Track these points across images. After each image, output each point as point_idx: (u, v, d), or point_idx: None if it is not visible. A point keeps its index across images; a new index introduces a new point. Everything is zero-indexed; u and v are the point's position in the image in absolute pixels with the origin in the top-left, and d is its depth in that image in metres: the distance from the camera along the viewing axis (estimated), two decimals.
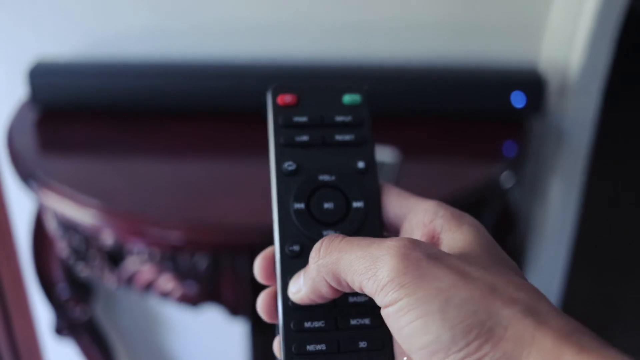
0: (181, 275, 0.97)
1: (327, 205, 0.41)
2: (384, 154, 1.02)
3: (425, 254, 0.35)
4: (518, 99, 1.10)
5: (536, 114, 1.13)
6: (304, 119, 0.42)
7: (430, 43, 1.19)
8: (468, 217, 0.39)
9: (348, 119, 0.42)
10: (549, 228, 1.34)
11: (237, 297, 0.98)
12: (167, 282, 0.99)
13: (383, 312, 0.35)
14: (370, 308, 0.39)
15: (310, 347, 0.39)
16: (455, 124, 1.12)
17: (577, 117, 1.22)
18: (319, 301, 0.38)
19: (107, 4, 1.17)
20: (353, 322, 0.39)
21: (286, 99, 0.43)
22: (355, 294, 0.39)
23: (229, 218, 0.92)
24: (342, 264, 0.36)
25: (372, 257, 0.35)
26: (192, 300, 1.00)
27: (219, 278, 0.97)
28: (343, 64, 1.18)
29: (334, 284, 0.37)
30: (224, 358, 1.57)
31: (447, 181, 1.01)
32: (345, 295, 0.39)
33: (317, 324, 0.39)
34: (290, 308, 0.39)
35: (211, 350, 1.57)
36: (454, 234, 0.38)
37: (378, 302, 0.35)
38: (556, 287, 1.45)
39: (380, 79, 1.12)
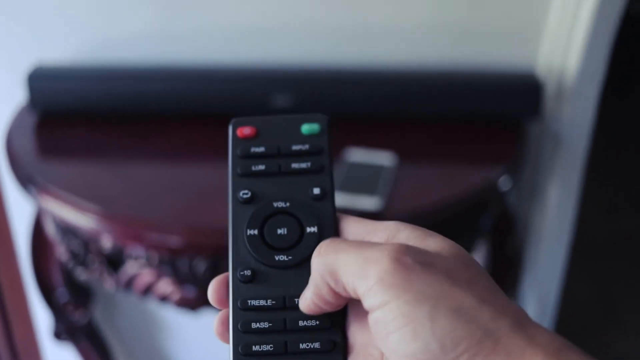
0: (180, 279, 0.97)
1: (280, 231, 0.41)
2: (382, 158, 1.02)
3: (417, 259, 0.35)
4: (516, 103, 1.10)
5: (533, 118, 1.13)
6: (261, 149, 0.43)
7: (428, 47, 1.19)
8: (433, 232, 0.39)
9: (305, 147, 0.43)
10: (547, 231, 1.34)
11: None
12: (166, 286, 0.99)
13: (371, 318, 0.35)
14: (321, 332, 0.39)
15: None
16: (453, 127, 1.13)
17: (574, 120, 1.22)
18: (325, 307, 0.38)
19: (107, 8, 1.18)
20: (303, 346, 0.39)
21: (245, 131, 0.44)
22: (307, 318, 0.39)
23: (227, 222, 0.93)
24: (338, 263, 0.36)
25: (365, 258, 0.35)
26: (191, 305, 1.00)
27: None
28: (342, 67, 1.18)
29: (332, 284, 0.37)
30: None
31: (445, 184, 1.02)
32: (296, 319, 0.39)
33: (266, 348, 0.39)
34: (240, 332, 0.40)
35: (209, 354, 1.57)
36: (422, 242, 0.37)
37: (366, 304, 0.35)
38: (554, 289, 1.45)
39: (378, 83, 1.13)
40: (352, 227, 0.41)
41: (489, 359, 0.32)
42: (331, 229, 0.41)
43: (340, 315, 0.39)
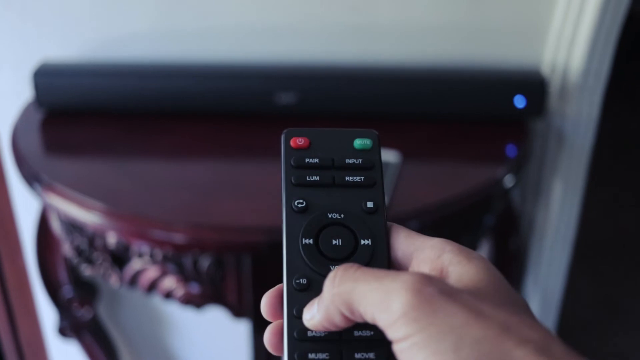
0: (185, 276, 0.98)
1: (335, 242, 0.42)
2: (387, 156, 1.03)
3: (439, 290, 0.35)
4: (520, 101, 1.10)
5: (538, 116, 1.13)
6: (315, 160, 0.44)
7: (433, 46, 1.19)
8: (476, 253, 0.39)
9: (358, 161, 0.44)
10: (551, 229, 1.34)
11: (241, 299, 0.99)
12: (170, 282, 0.99)
13: (396, 347, 0.35)
14: (375, 342, 0.40)
15: None
16: (457, 125, 1.13)
17: (579, 118, 1.22)
18: (332, 329, 0.38)
19: (113, 6, 1.18)
20: (357, 355, 0.40)
21: (299, 141, 0.44)
22: (361, 327, 0.39)
23: (232, 220, 0.93)
24: (356, 293, 0.36)
25: (386, 290, 0.35)
26: (196, 302, 1.00)
27: (223, 280, 0.97)
28: (348, 66, 1.18)
29: (347, 314, 0.37)
30: (226, 357, 1.57)
31: (449, 182, 1.02)
32: (351, 329, 0.40)
33: (322, 356, 0.40)
34: (296, 340, 0.40)
35: (214, 350, 1.58)
36: (463, 268, 0.38)
37: (390, 335, 0.35)
38: (557, 287, 1.45)
39: (383, 81, 1.13)
40: (401, 242, 0.41)
41: None
42: (383, 243, 0.42)
43: None
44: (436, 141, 1.11)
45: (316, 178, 0.43)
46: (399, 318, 0.34)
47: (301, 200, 0.43)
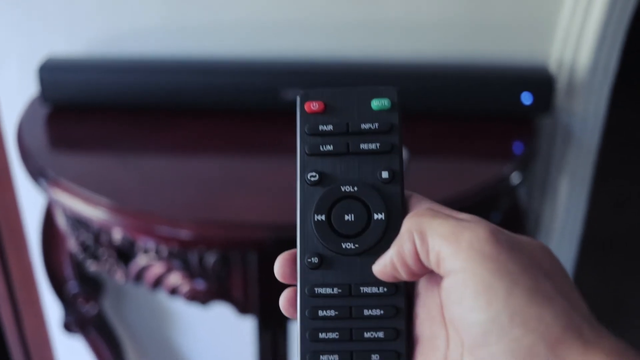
0: (190, 272, 0.97)
1: (347, 217, 0.41)
2: None
3: (507, 237, 0.36)
4: (527, 98, 1.10)
5: (545, 113, 1.13)
6: (329, 127, 0.42)
7: (439, 42, 1.19)
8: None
9: (375, 126, 0.42)
10: (558, 226, 1.34)
11: (247, 295, 0.99)
12: (176, 279, 0.99)
13: (447, 282, 0.36)
14: (386, 321, 0.40)
15: (323, 358, 0.40)
16: (464, 122, 1.12)
17: (586, 115, 1.22)
18: (400, 271, 0.39)
19: (119, 1, 1.18)
20: (367, 334, 0.40)
21: (313, 106, 0.43)
22: (371, 306, 0.40)
23: (238, 216, 0.93)
24: (432, 224, 0.37)
25: (461, 225, 0.36)
26: (201, 298, 1.00)
27: (229, 276, 0.97)
28: (354, 62, 1.18)
29: (418, 243, 0.37)
30: (232, 354, 1.57)
31: (457, 179, 1.01)
32: (361, 309, 0.40)
33: (332, 335, 0.40)
34: (308, 318, 0.41)
35: (219, 346, 1.58)
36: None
37: (448, 267, 0.35)
38: None
39: (389, 77, 1.12)
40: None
41: (552, 347, 0.32)
42: (399, 216, 0.41)
43: (406, 305, 0.40)
44: (443, 138, 1.11)
45: (330, 147, 0.42)
46: (464, 249, 0.35)
47: (314, 173, 0.42)
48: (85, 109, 1.15)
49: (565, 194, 1.30)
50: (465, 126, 1.12)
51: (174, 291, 1.01)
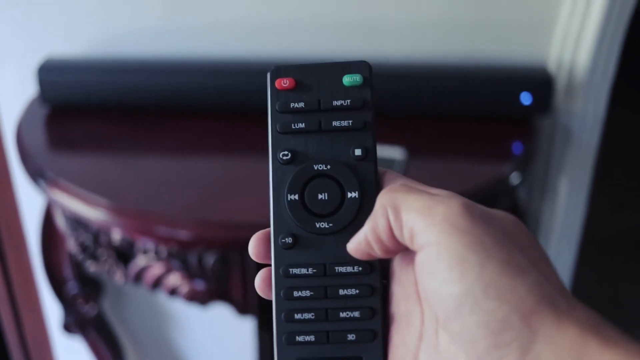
0: (189, 273, 0.97)
1: (321, 196, 0.41)
2: (393, 152, 1.02)
3: (480, 211, 0.36)
4: (526, 98, 1.10)
5: (544, 113, 1.13)
6: (301, 104, 0.42)
7: (439, 42, 1.19)
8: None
9: (347, 102, 0.41)
10: (557, 226, 1.34)
11: (246, 296, 0.98)
12: (175, 280, 0.99)
13: (420, 255, 0.35)
14: (361, 300, 0.40)
15: (299, 338, 0.40)
16: (463, 122, 1.12)
17: (585, 115, 1.22)
18: (374, 248, 0.38)
19: (118, 2, 1.18)
20: (343, 314, 0.40)
21: (284, 82, 0.43)
22: (348, 286, 0.40)
23: (238, 216, 0.93)
24: (406, 199, 0.37)
25: (435, 200, 0.36)
26: (201, 299, 1.00)
27: (228, 276, 0.97)
28: None
29: (392, 218, 0.37)
30: (231, 354, 1.57)
31: (456, 179, 1.01)
32: (336, 288, 0.40)
33: (307, 316, 0.40)
34: (283, 299, 0.40)
35: (219, 347, 1.58)
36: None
37: (422, 240, 0.35)
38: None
39: (389, 78, 1.12)
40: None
41: (526, 318, 0.32)
42: (373, 194, 0.40)
43: (381, 284, 0.40)
44: (442, 138, 1.10)
45: (302, 125, 0.41)
46: (438, 223, 0.35)
47: (286, 152, 0.41)
48: (85, 110, 1.15)
49: (565, 194, 1.30)
50: (464, 126, 1.12)
51: (173, 292, 1.01)
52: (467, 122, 1.12)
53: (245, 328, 1.48)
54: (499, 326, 0.33)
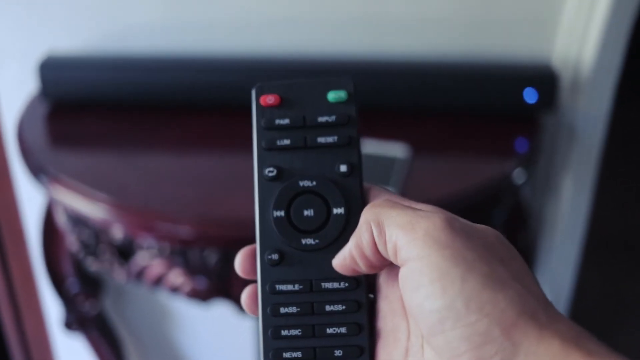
0: (191, 270, 0.97)
1: (307, 213, 0.41)
2: (396, 150, 1.02)
3: (462, 225, 0.36)
4: (530, 95, 1.09)
5: (548, 110, 1.12)
6: (286, 121, 0.42)
7: (442, 38, 1.18)
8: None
9: (332, 118, 0.42)
10: (561, 224, 1.33)
11: None
12: (177, 277, 0.99)
13: (404, 270, 0.36)
14: (347, 316, 0.40)
15: (286, 355, 0.40)
16: (467, 119, 1.12)
17: (590, 113, 1.21)
18: (359, 263, 0.39)
19: None
20: (330, 330, 0.40)
21: (269, 99, 0.42)
22: (334, 302, 0.40)
23: (239, 213, 0.92)
24: (390, 214, 0.37)
25: (417, 215, 0.36)
26: (202, 296, 1.00)
27: (229, 273, 0.97)
28: (354, 58, 1.17)
29: (375, 233, 0.37)
30: (232, 353, 1.57)
31: (459, 177, 1.01)
32: (323, 304, 0.40)
33: (294, 332, 0.40)
34: (269, 315, 0.40)
35: (220, 345, 1.58)
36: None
37: (404, 255, 0.36)
38: (567, 283, 1.44)
39: (391, 74, 1.12)
40: None
41: (507, 331, 0.32)
42: (358, 208, 0.40)
43: (367, 299, 0.40)
44: (445, 135, 1.10)
45: (287, 142, 0.42)
46: (420, 237, 0.35)
47: (272, 169, 0.41)
48: (86, 106, 1.14)
49: (569, 192, 1.29)
50: (468, 124, 1.11)
51: (174, 289, 1.00)
52: (470, 119, 1.12)
53: (245, 327, 1.47)
54: (480, 339, 0.33)
